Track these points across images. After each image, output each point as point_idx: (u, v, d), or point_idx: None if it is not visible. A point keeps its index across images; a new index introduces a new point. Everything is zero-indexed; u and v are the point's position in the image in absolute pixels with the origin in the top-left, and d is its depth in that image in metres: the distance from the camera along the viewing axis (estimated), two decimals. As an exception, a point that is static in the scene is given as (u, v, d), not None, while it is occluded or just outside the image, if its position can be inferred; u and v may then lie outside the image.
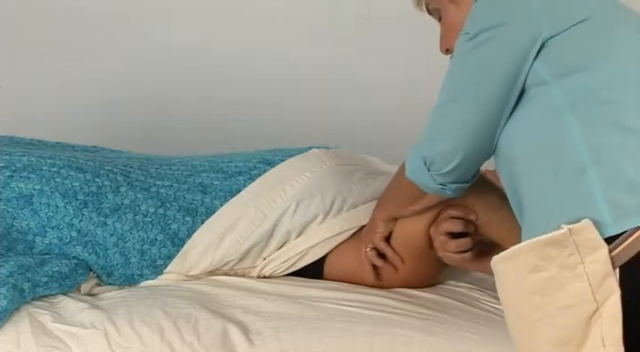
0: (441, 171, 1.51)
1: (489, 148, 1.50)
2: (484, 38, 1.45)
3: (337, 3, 3.05)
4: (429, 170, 1.52)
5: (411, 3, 1.71)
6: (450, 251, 1.79)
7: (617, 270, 1.29)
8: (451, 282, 1.94)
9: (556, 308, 1.33)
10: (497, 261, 1.41)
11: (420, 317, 1.74)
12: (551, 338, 1.34)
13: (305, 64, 3.05)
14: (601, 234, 1.30)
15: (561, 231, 1.32)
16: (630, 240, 1.29)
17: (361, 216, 1.97)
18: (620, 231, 1.30)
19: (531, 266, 1.35)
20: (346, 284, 1.90)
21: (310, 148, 2.14)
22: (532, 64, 1.43)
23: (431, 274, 1.95)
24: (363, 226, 1.96)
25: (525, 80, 1.44)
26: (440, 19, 1.68)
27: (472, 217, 1.79)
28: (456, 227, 1.79)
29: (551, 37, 1.42)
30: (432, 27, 1.72)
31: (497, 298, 1.82)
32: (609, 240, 1.30)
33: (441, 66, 1.49)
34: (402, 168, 1.68)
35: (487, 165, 1.61)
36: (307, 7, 3.06)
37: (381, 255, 1.89)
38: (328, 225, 1.96)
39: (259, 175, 2.02)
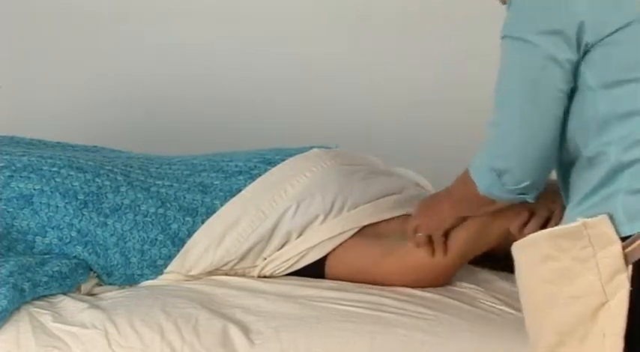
0: (516, 186, 1.44)
1: (555, 152, 1.42)
2: (525, 46, 1.37)
3: (337, 3, 3.04)
4: (503, 185, 1.44)
5: (411, 3, 1.69)
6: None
7: (631, 267, 1.30)
8: (452, 282, 1.94)
9: (566, 297, 1.35)
10: (515, 248, 1.43)
11: (420, 317, 1.74)
12: (558, 327, 1.36)
13: (305, 63, 3.04)
14: (618, 231, 1.31)
15: (576, 224, 1.33)
16: None
17: (362, 216, 1.97)
18: (636, 231, 1.31)
19: (544, 256, 1.36)
20: (346, 284, 1.90)
21: (311, 148, 2.14)
22: (579, 69, 1.37)
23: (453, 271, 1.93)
24: (364, 226, 1.96)
25: (575, 83, 1.38)
26: None
27: (527, 216, 1.75)
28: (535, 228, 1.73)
29: (595, 44, 1.35)
30: (431, 27, 1.71)
31: (497, 298, 1.84)
32: (626, 239, 1.31)
33: (441, 66, 1.48)
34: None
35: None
36: (307, 7, 3.05)
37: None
38: (329, 225, 1.96)
39: (259, 175, 2.02)
